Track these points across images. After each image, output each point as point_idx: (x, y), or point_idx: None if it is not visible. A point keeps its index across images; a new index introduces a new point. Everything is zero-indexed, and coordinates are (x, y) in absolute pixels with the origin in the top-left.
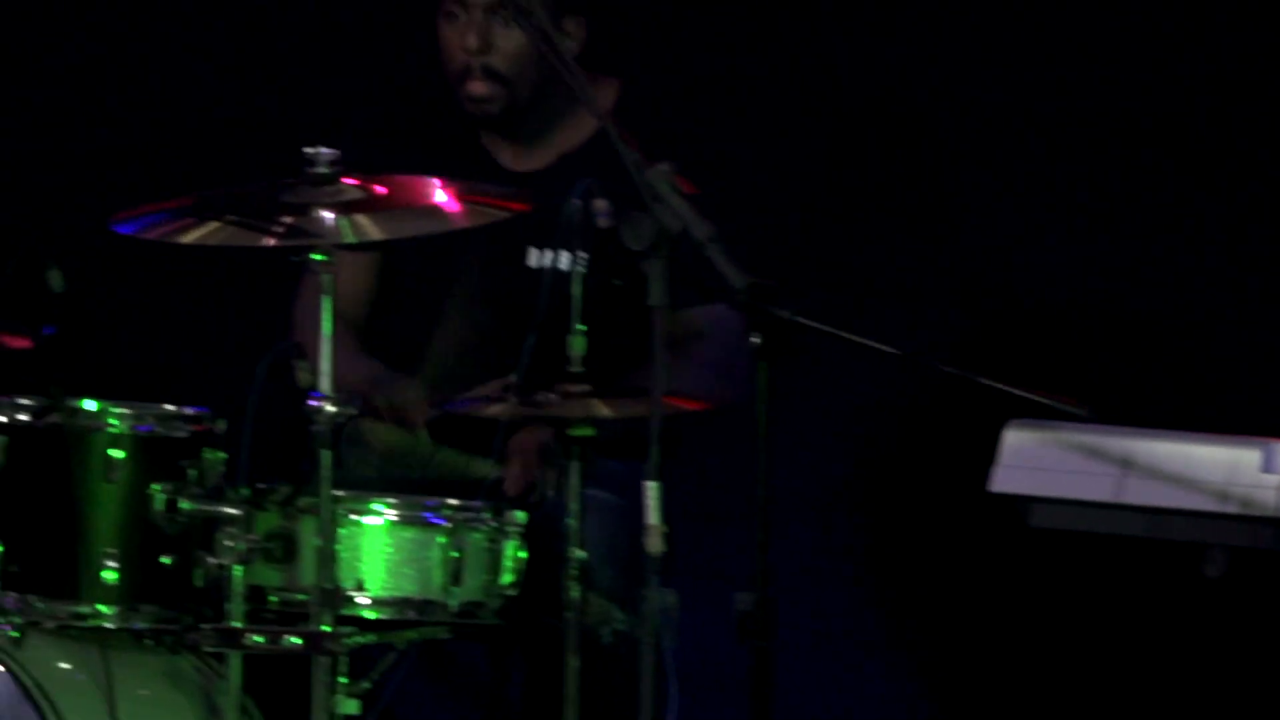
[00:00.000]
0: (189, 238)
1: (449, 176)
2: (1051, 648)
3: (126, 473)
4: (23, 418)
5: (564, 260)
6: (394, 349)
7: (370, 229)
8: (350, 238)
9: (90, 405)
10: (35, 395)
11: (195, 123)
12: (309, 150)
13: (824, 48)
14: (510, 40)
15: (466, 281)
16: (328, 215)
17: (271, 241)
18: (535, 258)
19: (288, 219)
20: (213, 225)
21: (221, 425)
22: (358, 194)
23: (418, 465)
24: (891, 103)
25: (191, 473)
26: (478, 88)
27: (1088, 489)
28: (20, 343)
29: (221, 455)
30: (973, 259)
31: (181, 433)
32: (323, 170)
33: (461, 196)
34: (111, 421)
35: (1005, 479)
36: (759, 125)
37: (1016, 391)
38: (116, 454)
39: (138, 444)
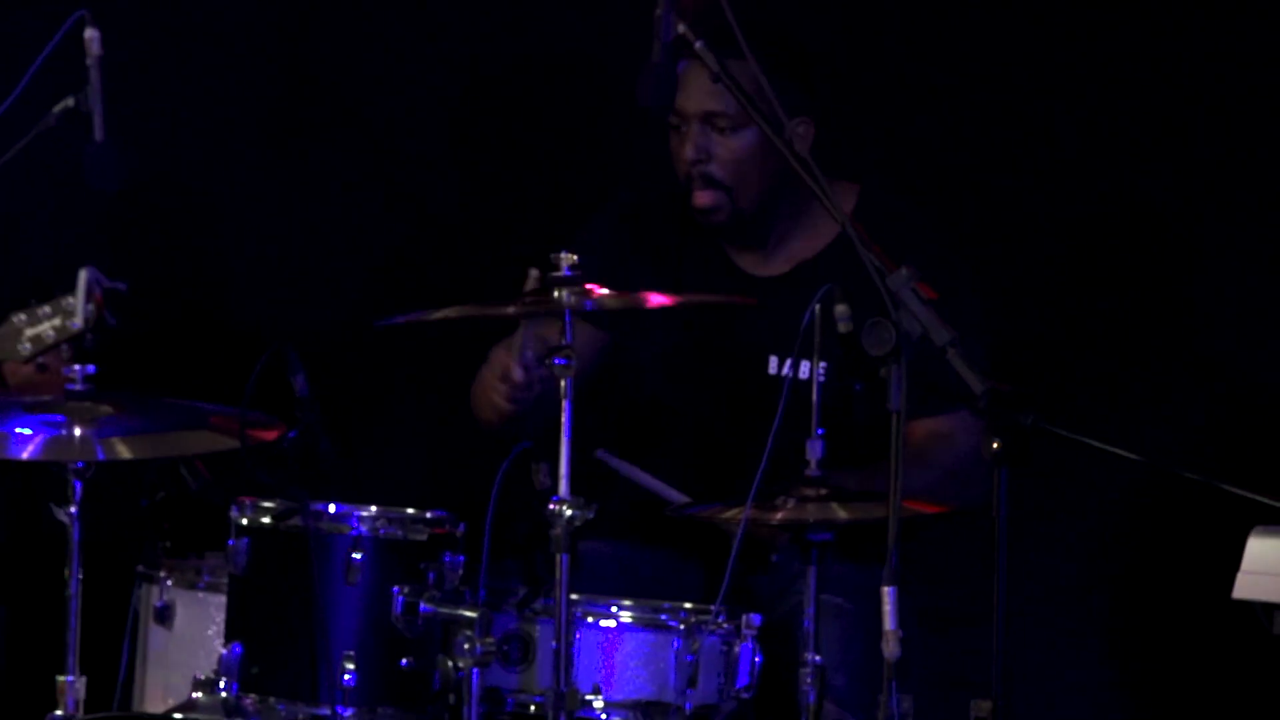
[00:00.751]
0: (436, 315)
1: (692, 281)
2: None
3: (367, 575)
4: (265, 520)
5: (804, 369)
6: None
7: (608, 299)
8: (587, 306)
9: (332, 508)
10: (278, 498)
11: (442, 231)
12: (554, 255)
13: (1062, 149)
14: (727, 148)
15: (709, 388)
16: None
17: (513, 309)
18: (774, 365)
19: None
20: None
21: (461, 528)
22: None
23: None
24: (1132, 202)
25: (431, 575)
26: (701, 198)
27: None
28: (269, 435)
29: (461, 558)
30: (1218, 362)
31: (421, 535)
32: (566, 274)
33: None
34: (353, 524)
35: (1248, 586)
36: (1000, 228)
37: (1260, 498)
38: (357, 556)
39: (378, 546)
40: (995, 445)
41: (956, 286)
